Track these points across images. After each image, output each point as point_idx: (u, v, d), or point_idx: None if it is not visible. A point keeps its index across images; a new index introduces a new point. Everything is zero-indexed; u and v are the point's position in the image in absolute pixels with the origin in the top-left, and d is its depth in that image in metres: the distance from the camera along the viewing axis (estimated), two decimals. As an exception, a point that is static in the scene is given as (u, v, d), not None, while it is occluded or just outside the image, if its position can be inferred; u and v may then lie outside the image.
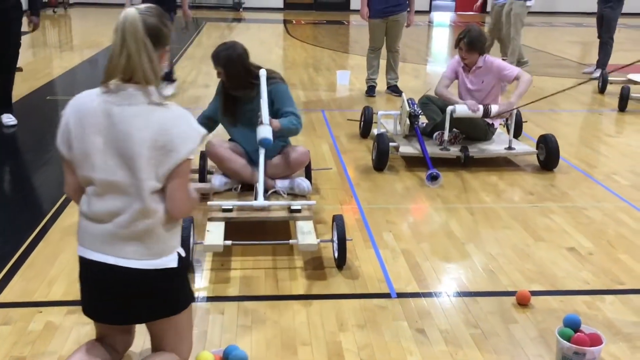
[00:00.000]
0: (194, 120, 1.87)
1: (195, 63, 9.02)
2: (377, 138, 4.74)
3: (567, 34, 13.82)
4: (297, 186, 3.76)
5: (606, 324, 2.83)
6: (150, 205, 1.82)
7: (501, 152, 4.87)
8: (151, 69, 1.80)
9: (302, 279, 3.17)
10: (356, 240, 3.61)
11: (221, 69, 3.64)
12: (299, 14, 17.02)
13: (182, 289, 2.01)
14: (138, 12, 1.79)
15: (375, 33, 7.12)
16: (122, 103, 1.80)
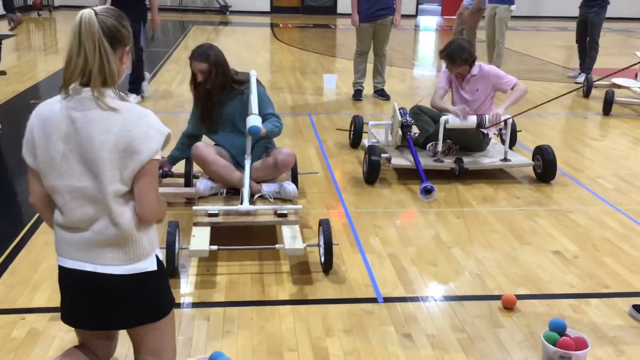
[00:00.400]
0: (157, 120, 1.83)
1: (182, 66, 8.98)
2: (368, 150, 4.57)
3: (552, 38, 13.94)
4: (283, 190, 3.73)
5: (592, 328, 2.84)
6: (116, 210, 1.80)
7: (497, 163, 4.70)
8: (109, 70, 1.78)
9: (289, 284, 3.16)
10: (343, 245, 3.60)
11: (205, 65, 3.63)
12: (286, 17, 17.02)
13: (162, 293, 1.98)
14: (95, 13, 1.77)
15: (362, 37, 7.14)
16: (82, 108, 1.77)
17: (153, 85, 7.73)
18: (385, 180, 4.63)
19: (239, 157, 3.75)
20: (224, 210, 3.52)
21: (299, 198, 4.06)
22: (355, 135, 5.38)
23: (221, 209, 3.52)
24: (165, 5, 17.55)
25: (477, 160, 4.72)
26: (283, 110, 6.62)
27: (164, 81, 8.02)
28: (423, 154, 4.69)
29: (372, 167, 4.51)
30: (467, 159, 4.67)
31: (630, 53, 9.09)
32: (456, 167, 4.59)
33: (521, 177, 4.79)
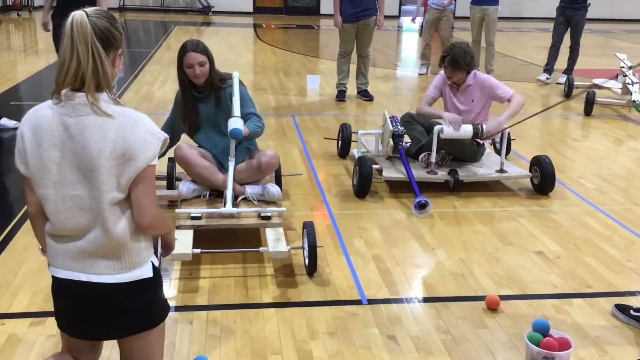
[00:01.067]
0: (153, 125, 1.79)
1: (164, 67, 8.92)
2: (359, 161, 4.31)
3: (533, 39, 14.04)
4: (266, 192, 3.71)
5: (575, 328, 2.86)
6: (110, 219, 1.76)
7: (493, 175, 4.49)
8: (103, 73, 1.74)
9: (273, 287, 3.14)
10: (327, 247, 3.59)
11: (206, 58, 3.63)
12: (269, 18, 16.98)
13: (159, 299, 1.96)
14: (87, 14, 1.73)
15: (345, 38, 7.13)
16: (76, 114, 1.73)
17: (134, 87, 7.67)
18: (377, 194, 4.38)
19: (222, 158, 3.75)
20: (207, 213, 3.49)
21: (283, 200, 4.04)
22: (344, 145, 5.13)
23: (204, 212, 3.49)
24: (147, 5, 17.44)
25: (472, 171, 4.50)
26: (266, 111, 6.60)
27: (146, 82, 7.95)
28: (415, 165, 4.50)
29: (363, 179, 4.25)
30: (462, 170, 4.46)
31: (610, 54, 9.20)
32: (450, 179, 4.38)
33: (518, 189, 4.57)
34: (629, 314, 2.90)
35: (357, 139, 5.02)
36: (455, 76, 4.47)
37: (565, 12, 8.30)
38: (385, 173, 4.43)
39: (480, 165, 4.63)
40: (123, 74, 1.96)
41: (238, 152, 3.69)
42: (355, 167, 4.39)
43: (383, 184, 4.54)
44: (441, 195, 4.37)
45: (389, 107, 7.05)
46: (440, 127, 4.33)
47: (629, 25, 17.60)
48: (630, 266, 3.48)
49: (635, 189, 4.72)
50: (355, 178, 4.36)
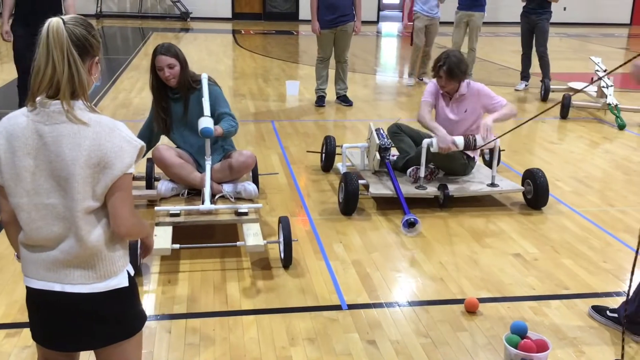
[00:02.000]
0: (129, 132, 1.78)
1: (142, 73, 8.86)
2: (345, 177, 4.07)
3: (510, 43, 14.19)
4: (244, 190, 3.80)
5: (552, 329, 2.88)
6: (84, 228, 1.74)
7: (484, 189, 4.30)
8: (79, 81, 1.72)
9: (252, 294, 3.13)
10: (306, 252, 3.59)
11: (177, 61, 3.70)
12: (247, 24, 16.97)
13: (134, 309, 1.92)
14: (63, 21, 1.72)
15: (323, 43, 7.15)
16: (50, 121, 1.71)
17: (112, 94, 7.61)
18: (363, 211, 4.17)
19: (198, 158, 3.84)
20: (186, 210, 3.57)
21: (260, 199, 4.03)
22: (328, 158, 4.90)
23: (183, 209, 3.56)
24: (124, 11, 17.33)
25: (462, 186, 4.32)
26: (245, 117, 6.58)
27: (124, 89, 7.90)
28: (403, 180, 4.32)
29: (350, 196, 4.03)
30: (452, 185, 4.28)
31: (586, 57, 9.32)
32: (440, 194, 4.19)
33: (511, 204, 4.39)
34: (606, 315, 2.93)
35: (342, 152, 4.77)
36: (448, 85, 4.26)
37: (529, 18, 8.22)
38: (372, 189, 4.22)
39: (470, 179, 4.45)
40: (100, 82, 1.94)
41: (214, 151, 3.77)
42: (340, 183, 4.16)
43: (370, 200, 4.35)
44: (429, 212, 4.18)
45: (368, 112, 7.08)
46: (429, 140, 4.16)
47: (605, 29, 17.87)
48: (606, 267, 3.52)
49: (611, 190, 4.79)
50: (341, 195, 4.12)
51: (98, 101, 7.15)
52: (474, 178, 4.47)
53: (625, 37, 16.69)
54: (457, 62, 4.19)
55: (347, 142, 5.56)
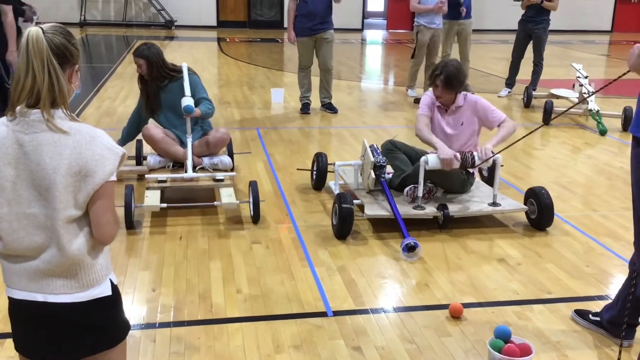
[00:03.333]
0: (110, 140, 1.78)
1: (126, 82, 8.84)
2: (338, 199, 3.84)
3: (493, 50, 14.34)
4: (220, 162, 4.56)
5: (536, 334, 2.91)
6: (65, 237, 1.73)
7: (485, 209, 4.07)
8: (59, 89, 1.72)
9: (237, 301, 3.13)
10: (292, 259, 3.59)
11: (143, 60, 4.45)
12: (232, 31, 16.98)
13: (118, 317, 1.91)
14: (42, 30, 1.72)
15: (303, 52, 7.16)
16: (30, 130, 1.70)
17: (96, 102, 7.58)
18: (359, 234, 3.92)
19: (181, 136, 4.53)
20: (171, 177, 4.29)
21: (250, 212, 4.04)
22: (319, 176, 4.66)
23: (169, 177, 4.29)
24: (108, 20, 17.28)
25: (463, 206, 4.08)
26: (230, 124, 6.58)
27: (108, 97, 7.87)
28: (400, 200, 4.09)
29: (345, 219, 3.77)
30: (452, 205, 4.05)
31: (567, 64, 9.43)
32: (440, 215, 3.95)
33: (514, 225, 4.17)
34: (588, 319, 2.96)
35: (335, 170, 4.48)
36: (445, 96, 4.08)
37: (527, 26, 8.25)
38: (367, 210, 3.98)
39: (470, 197, 4.22)
40: (80, 90, 1.95)
41: (195, 131, 4.51)
42: (334, 205, 3.92)
43: (365, 222, 4.09)
44: (429, 235, 3.94)
45: (353, 120, 7.11)
46: (426, 157, 3.94)
47: (586, 36, 18.10)
48: (589, 272, 3.56)
49: (593, 195, 4.84)
50: (335, 218, 3.89)
51: (82, 110, 7.11)
52: (474, 197, 4.23)
53: (607, 44, 16.91)
54: (455, 72, 4.02)
55: (332, 152, 5.60)
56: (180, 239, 3.82)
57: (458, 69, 4.07)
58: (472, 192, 4.29)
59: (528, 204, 4.14)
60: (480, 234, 4.01)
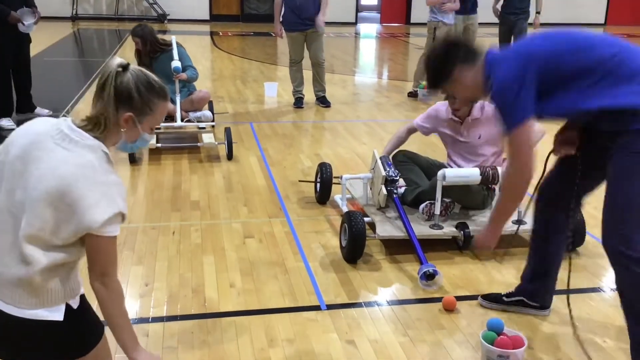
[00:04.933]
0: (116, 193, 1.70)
1: (119, 76, 8.78)
2: (348, 218, 3.46)
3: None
4: (203, 115, 5.62)
5: (528, 326, 2.92)
6: (28, 252, 1.66)
7: (511, 227, 3.56)
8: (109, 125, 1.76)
9: (230, 295, 3.13)
10: (285, 253, 3.59)
11: (139, 38, 5.54)
12: (225, 25, 16.92)
13: (74, 337, 1.79)
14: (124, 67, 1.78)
15: (293, 46, 7.13)
16: (60, 144, 1.69)
17: (88, 96, 7.54)
18: (371, 257, 3.53)
19: (172, 95, 5.43)
20: (165, 126, 5.38)
21: (242, 208, 4.01)
22: (323, 189, 4.27)
23: (162, 125, 5.32)
24: (100, 14, 17.19)
25: (484, 224, 3.33)
26: (224, 119, 6.55)
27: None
28: (414, 217, 3.70)
29: (356, 241, 3.41)
30: (472, 223, 3.64)
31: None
32: (460, 235, 3.57)
33: None
34: (503, 301, 3.02)
35: (342, 184, 4.09)
36: (462, 108, 3.71)
37: (508, 19, 8.25)
38: (379, 230, 3.57)
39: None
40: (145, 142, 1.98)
41: (182, 92, 5.61)
42: (342, 224, 3.57)
43: (377, 242, 3.70)
44: (448, 257, 3.55)
45: (346, 113, 7.10)
46: (443, 172, 3.54)
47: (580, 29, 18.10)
48: (581, 263, 3.57)
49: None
50: (344, 239, 3.52)
51: (73, 105, 7.08)
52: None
53: (600, 37, 16.93)
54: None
55: (326, 147, 5.59)
56: (173, 234, 3.81)
57: None
58: (491, 206, 3.86)
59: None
60: (509, 256, 3.60)
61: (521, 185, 2.50)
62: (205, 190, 4.57)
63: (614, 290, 3.20)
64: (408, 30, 17.18)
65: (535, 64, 2.35)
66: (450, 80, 2.57)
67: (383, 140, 5.72)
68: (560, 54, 2.39)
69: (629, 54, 2.38)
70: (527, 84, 2.32)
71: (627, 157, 2.35)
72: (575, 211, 2.80)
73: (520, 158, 2.44)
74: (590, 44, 2.42)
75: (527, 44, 2.51)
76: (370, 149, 5.52)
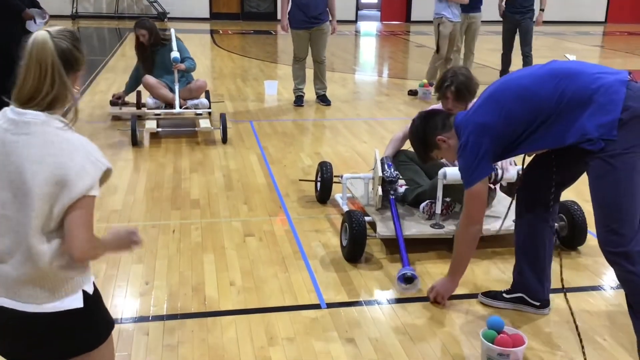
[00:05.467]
0: (96, 153, 1.72)
1: (118, 74, 8.78)
2: (348, 217, 3.48)
3: (487, 42, 14.31)
4: (200, 103, 6.09)
5: (528, 324, 2.91)
6: (36, 246, 1.67)
7: (512, 227, 3.28)
8: (60, 95, 1.69)
9: (230, 294, 3.13)
10: (286, 252, 3.59)
11: (146, 30, 5.93)
12: (225, 23, 16.91)
13: (91, 326, 1.82)
14: (50, 35, 1.69)
15: (298, 43, 7.13)
16: (18, 132, 1.67)
17: (88, 95, 7.54)
18: (372, 257, 3.54)
19: (171, 85, 5.98)
20: (165, 112, 5.94)
21: (242, 207, 4.01)
22: (324, 188, 4.28)
23: (162, 111, 5.95)
24: (100, 12, 17.18)
25: (485, 224, 3.24)
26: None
27: (100, 90, 7.82)
28: (415, 217, 3.74)
29: (357, 241, 3.42)
30: None
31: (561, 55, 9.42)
32: None
33: None
34: (503, 298, 3.04)
35: (342, 183, 4.11)
36: (455, 109, 3.60)
37: (513, 17, 8.23)
38: (380, 229, 3.59)
39: (492, 213, 3.77)
40: (79, 96, 1.97)
41: (181, 82, 5.97)
42: (343, 224, 3.58)
43: (377, 242, 3.70)
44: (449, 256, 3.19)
45: (347, 112, 7.10)
46: (444, 170, 3.55)
47: (580, 27, 18.11)
48: (581, 262, 3.57)
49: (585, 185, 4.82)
50: (345, 238, 3.52)
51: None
52: (496, 212, 3.80)
53: (601, 35, 16.94)
54: (466, 81, 3.65)
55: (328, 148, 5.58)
56: (174, 232, 3.81)
57: (469, 77, 3.70)
58: (493, 207, 3.86)
59: (558, 220, 3.66)
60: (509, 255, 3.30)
61: (473, 232, 2.89)
62: (206, 188, 4.57)
63: (614, 288, 3.22)
64: (408, 28, 17.16)
65: (489, 135, 2.69)
66: (437, 148, 2.97)
67: (383, 139, 5.72)
68: (512, 119, 2.66)
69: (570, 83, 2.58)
70: (482, 152, 2.70)
71: (602, 160, 2.54)
72: (555, 202, 2.93)
73: (473, 208, 2.86)
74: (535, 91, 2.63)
75: (483, 114, 2.74)
76: (371, 147, 5.54)
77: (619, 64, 11.24)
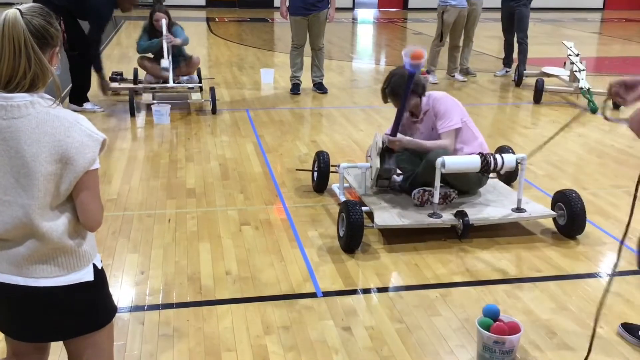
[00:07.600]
0: (90, 126, 1.73)
1: (114, 63, 8.73)
2: (345, 207, 3.44)
3: (486, 29, 14.24)
4: (191, 79, 6.73)
5: (525, 312, 2.91)
6: (45, 225, 1.69)
7: (510, 216, 3.63)
8: (39, 73, 1.68)
9: (226, 283, 3.12)
10: (282, 241, 3.58)
11: (164, 14, 6.53)
12: (222, 11, 16.81)
13: (101, 302, 1.89)
14: (20, 12, 1.66)
15: (296, 30, 7.10)
16: (8, 116, 1.65)
17: (84, 84, 7.48)
18: (369, 246, 3.51)
19: (165, 63, 6.43)
20: (160, 85, 6.45)
21: (238, 195, 3.99)
22: (321, 178, 4.25)
23: (157, 85, 6.48)
24: (96, 0, 17.04)
25: (483, 212, 3.63)
26: (220, 106, 6.51)
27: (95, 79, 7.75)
28: (409, 204, 3.74)
29: (354, 231, 3.38)
30: (471, 211, 3.60)
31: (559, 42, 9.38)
32: (459, 223, 3.55)
33: (541, 232, 3.75)
34: (638, 335, 2.70)
35: (339, 173, 4.12)
36: (408, 106, 3.78)
37: (508, 4, 8.20)
38: (377, 219, 3.55)
39: (490, 202, 3.79)
40: (60, 71, 1.91)
41: (177, 58, 6.51)
42: (340, 214, 3.53)
43: (375, 232, 3.66)
44: (447, 245, 3.53)
45: (344, 100, 7.07)
46: (442, 159, 3.50)
47: (578, 14, 18.03)
48: (579, 250, 3.56)
49: (584, 174, 4.84)
50: (343, 229, 3.48)
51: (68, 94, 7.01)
52: (494, 201, 3.80)
53: (599, 22, 16.87)
54: (400, 81, 3.70)
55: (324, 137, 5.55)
56: (169, 222, 3.80)
57: (403, 76, 3.66)
58: (490, 195, 3.89)
59: (556, 209, 3.70)
60: (507, 244, 3.60)
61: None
62: (201, 177, 4.55)
63: (610, 275, 3.21)
64: (406, 16, 17.07)
65: None
66: None
67: (381, 127, 5.70)
68: None
69: None
70: None
71: None
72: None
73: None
74: None
75: None
76: (367, 135, 5.52)
77: (616, 50, 11.20)
